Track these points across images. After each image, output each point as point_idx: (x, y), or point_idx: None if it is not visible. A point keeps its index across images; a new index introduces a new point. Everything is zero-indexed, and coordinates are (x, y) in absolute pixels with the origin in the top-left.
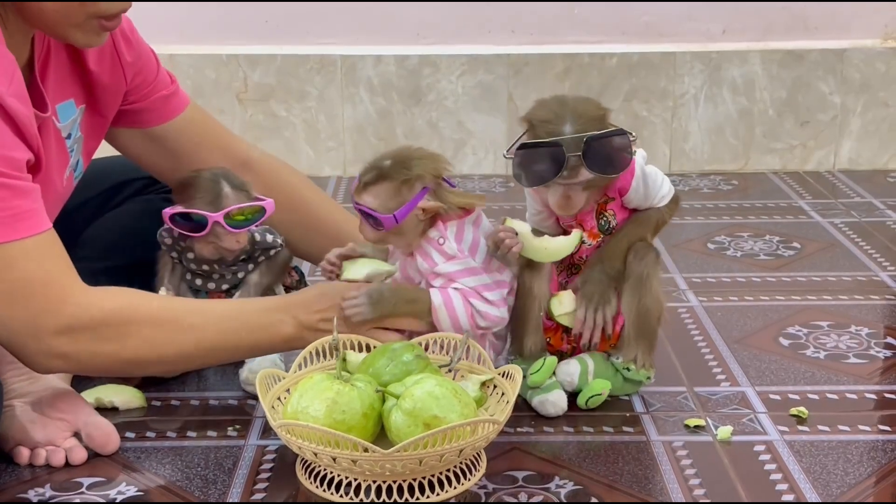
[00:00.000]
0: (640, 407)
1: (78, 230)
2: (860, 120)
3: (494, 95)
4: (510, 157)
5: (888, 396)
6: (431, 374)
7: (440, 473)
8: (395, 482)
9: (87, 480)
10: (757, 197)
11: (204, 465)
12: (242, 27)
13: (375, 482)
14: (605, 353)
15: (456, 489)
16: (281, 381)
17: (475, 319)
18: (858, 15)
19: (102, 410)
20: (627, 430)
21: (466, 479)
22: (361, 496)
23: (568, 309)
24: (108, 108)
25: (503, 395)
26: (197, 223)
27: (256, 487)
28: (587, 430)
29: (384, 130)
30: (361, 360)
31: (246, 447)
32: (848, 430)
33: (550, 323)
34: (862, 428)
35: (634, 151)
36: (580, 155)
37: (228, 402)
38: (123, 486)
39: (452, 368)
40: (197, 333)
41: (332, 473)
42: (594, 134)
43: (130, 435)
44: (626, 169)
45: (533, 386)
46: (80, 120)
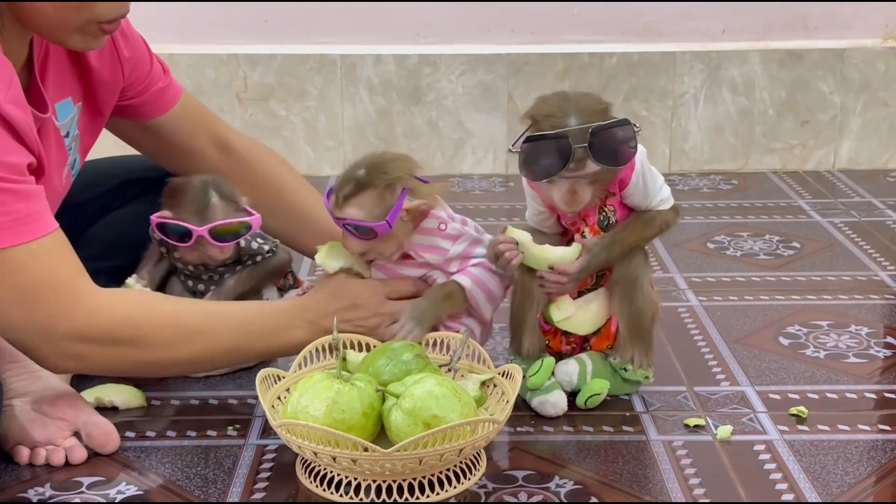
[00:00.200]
0: (639, 406)
1: (79, 230)
2: (860, 119)
3: (494, 95)
4: (516, 151)
5: (888, 396)
6: (431, 373)
7: (440, 473)
8: (394, 482)
9: (86, 480)
10: (757, 196)
11: (204, 464)
12: (242, 27)
13: (375, 482)
14: (602, 353)
15: (456, 488)
16: (281, 380)
17: (503, 282)
18: (858, 14)
19: (102, 410)
20: (627, 429)
21: (466, 478)
22: (361, 496)
23: (567, 314)
24: (105, 104)
25: (503, 394)
26: (182, 234)
27: (256, 487)
28: (587, 429)
29: (384, 130)
30: (361, 359)
31: (246, 447)
32: (847, 429)
33: (549, 326)
34: (861, 427)
35: (640, 128)
36: (586, 146)
37: (228, 401)
38: (123, 485)
39: (452, 368)
40: (211, 337)
41: (331, 473)
42: (600, 125)
43: (130, 434)
44: (630, 160)
45: (532, 388)
46: (77, 118)
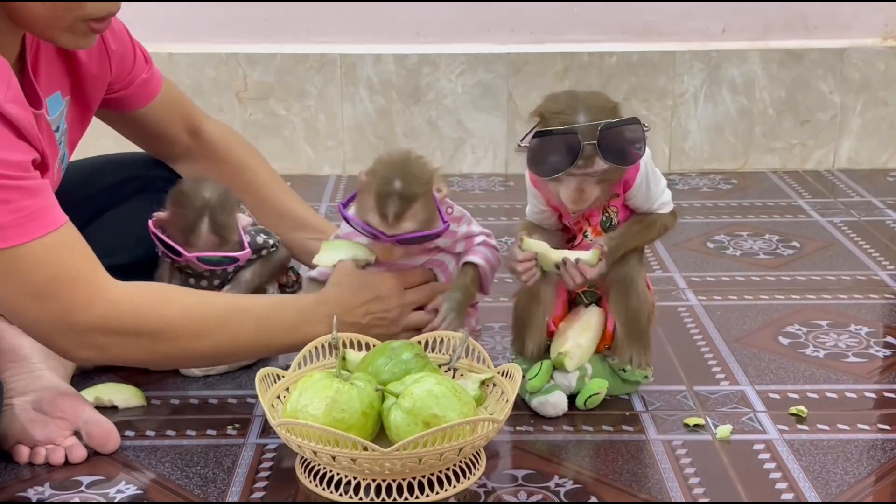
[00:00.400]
0: (639, 406)
1: (78, 228)
2: (860, 119)
3: (494, 94)
4: (524, 147)
5: (887, 395)
6: (431, 372)
7: (440, 472)
8: (394, 481)
9: (86, 479)
10: (756, 196)
11: (203, 463)
12: (242, 26)
13: (375, 481)
14: (601, 354)
15: (455, 488)
16: (280, 379)
17: (498, 255)
18: (858, 14)
19: (102, 409)
20: (627, 428)
21: (466, 477)
22: (361, 495)
23: (568, 346)
24: (93, 98)
25: (502, 393)
26: (173, 250)
27: (256, 486)
28: (587, 428)
29: (383, 129)
30: (361, 358)
31: (245, 446)
32: (847, 428)
33: (555, 328)
34: (861, 427)
35: (648, 127)
36: (595, 143)
37: (228, 400)
38: (123, 484)
39: (452, 367)
40: (233, 330)
41: (331, 472)
42: (609, 122)
43: (130, 434)
44: (638, 160)
45: (532, 391)
46: (66, 111)
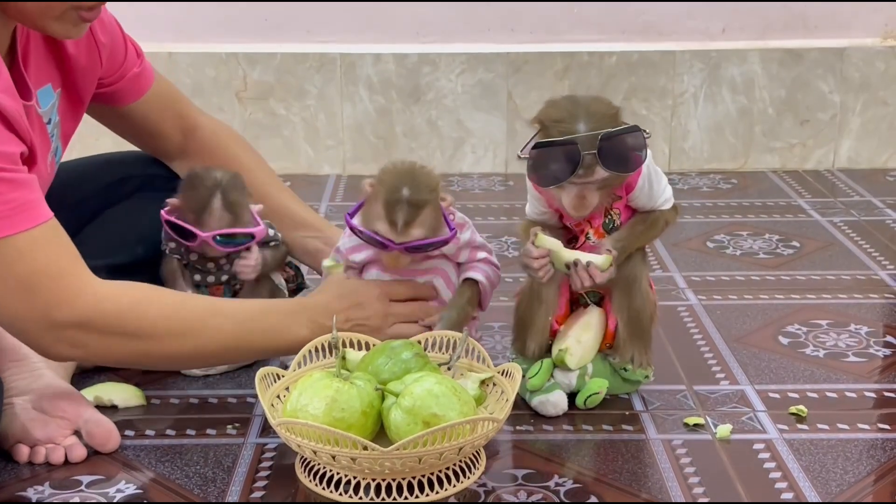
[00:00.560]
0: (639, 405)
1: (76, 228)
2: (859, 119)
3: (494, 94)
4: (524, 157)
5: (887, 395)
6: (431, 372)
7: (439, 471)
8: (394, 480)
9: (86, 478)
10: (756, 196)
11: (203, 463)
12: (242, 25)
13: (375, 480)
14: (602, 352)
15: (455, 487)
16: (280, 379)
17: (498, 272)
18: (858, 14)
19: (102, 408)
20: (627, 428)
21: (466, 477)
22: (361, 494)
23: (569, 343)
24: (84, 90)
25: (502, 393)
26: (187, 234)
27: (256, 486)
28: (586, 428)
29: (383, 129)
30: (361, 358)
31: (245, 445)
32: (847, 428)
33: (557, 327)
34: (861, 426)
35: (649, 134)
36: (595, 153)
37: (227, 400)
38: (123, 484)
39: (452, 366)
40: (214, 332)
41: (331, 471)
42: (609, 131)
43: (130, 433)
44: (639, 167)
45: (532, 390)
46: (57, 104)
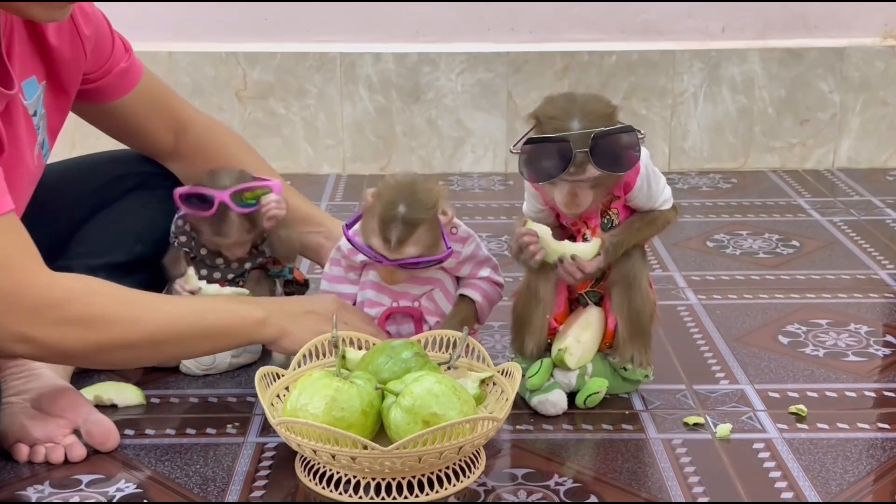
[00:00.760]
0: (639, 405)
1: (75, 227)
2: (859, 118)
3: (494, 93)
4: (516, 152)
5: (887, 394)
6: (431, 371)
7: (439, 471)
8: (394, 479)
9: (86, 477)
10: (756, 195)
11: (203, 462)
12: (242, 25)
13: (375, 479)
14: (602, 352)
15: (455, 487)
16: (280, 378)
17: (500, 291)
18: (858, 13)
19: (101, 408)
20: (626, 427)
21: (466, 476)
22: (361, 494)
23: (568, 342)
24: (69, 83)
25: (502, 392)
26: (204, 200)
27: (255, 485)
28: (586, 427)
29: (383, 128)
30: (361, 357)
31: (245, 444)
32: (847, 427)
33: (556, 325)
34: (861, 426)
35: (643, 135)
36: (587, 151)
37: (227, 399)
38: (122, 483)
39: (452, 366)
40: (166, 316)
41: (331, 471)
42: (602, 130)
43: (129, 432)
44: (633, 167)
45: (531, 389)
46: (42, 96)
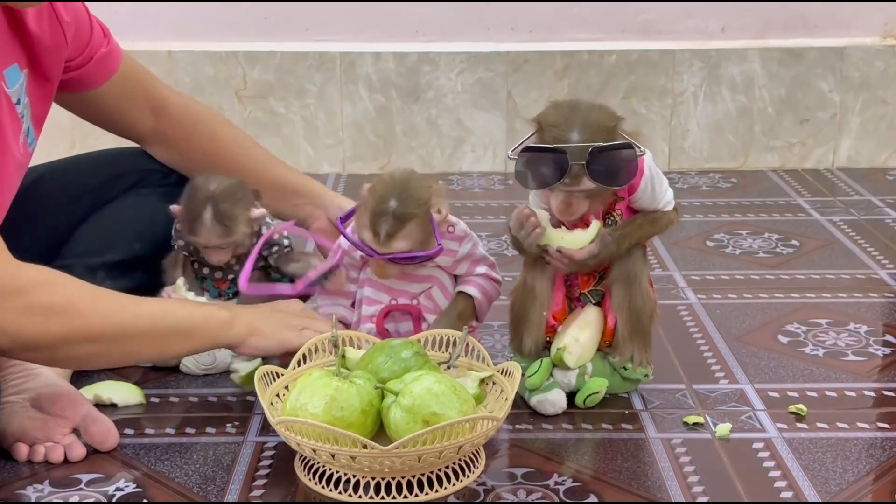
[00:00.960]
0: (638, 404)
1: (73, 226)
2: (859, 118)
3: (493, 93)
4: (514, 157)
5: (887, 394)
6: (430, 370)
7: (439, 470)
8: (393, 479)
9: (85, 477)
10: (756, 195)
11: (202, 461)
12: (241, 24)
13: (374, 479)
14: (602, 352)
15: (455, 486)
16: (280, 377)
17: (498, 287)
18: (858, 13)
19: (101, 407)
20: (626, 427)
21: (465, 475)
22: (360, 493)
23: (567, 341)
24: (51, 71)
25: (502, 391)
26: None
27: (255, 484)
28: (586, 427)
29: (383, 128)
30: (360, 356)
31: (245, 444)
32: (846, 427)
33: (555, 323)
34: (860, 425)
35: (643, 151)
36: (583, 164)
37: (227, 398)
38: (122, 482)
39: (451, 365)
40: (134, 306)
41: (330, 470)
42: (599, 145)
43: (129, 431)
44: (628, 182)
45: (531, 388)
46: (25, 84)
